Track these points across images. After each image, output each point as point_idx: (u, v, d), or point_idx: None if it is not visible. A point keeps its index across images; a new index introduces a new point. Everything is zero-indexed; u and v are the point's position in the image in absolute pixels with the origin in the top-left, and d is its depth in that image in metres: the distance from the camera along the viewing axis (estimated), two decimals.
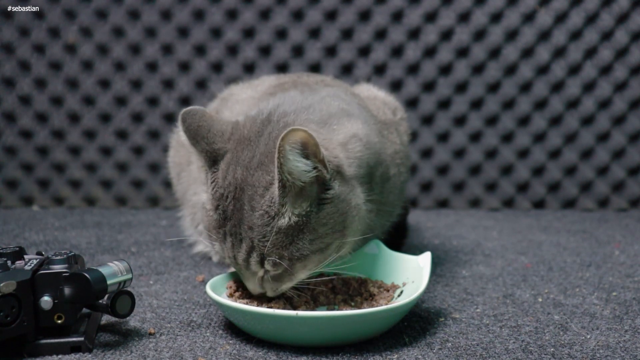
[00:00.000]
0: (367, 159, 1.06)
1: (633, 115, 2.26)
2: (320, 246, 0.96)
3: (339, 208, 0.97)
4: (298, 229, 0.94)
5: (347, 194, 0.99)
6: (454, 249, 1.63)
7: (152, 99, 2.28)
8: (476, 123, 2.28)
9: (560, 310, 1.12)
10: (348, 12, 2.26)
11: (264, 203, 0.95)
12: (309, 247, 0.95)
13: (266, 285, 1.00)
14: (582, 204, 2.30)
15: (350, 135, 1.05)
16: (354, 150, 1.04)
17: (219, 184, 1.00)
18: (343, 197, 0.98)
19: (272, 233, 0.94)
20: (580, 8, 2.24)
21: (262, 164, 0.97)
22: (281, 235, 0.94)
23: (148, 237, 1.74)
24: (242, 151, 1.00)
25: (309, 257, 0.96)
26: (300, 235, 0.95)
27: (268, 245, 0.94)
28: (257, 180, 0.96)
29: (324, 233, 0.96)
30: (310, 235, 0.95)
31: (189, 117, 1.03)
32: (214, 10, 2.26)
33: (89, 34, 2.26)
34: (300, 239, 0.95)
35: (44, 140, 2.28)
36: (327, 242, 0.97)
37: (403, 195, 1.37)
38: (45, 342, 0.90)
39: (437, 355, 0.92)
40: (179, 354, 0.92)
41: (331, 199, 0.96)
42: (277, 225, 0.94)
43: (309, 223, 0.95)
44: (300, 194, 0.94)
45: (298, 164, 0.91)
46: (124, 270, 0.94)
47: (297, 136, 0.89)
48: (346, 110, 1.11)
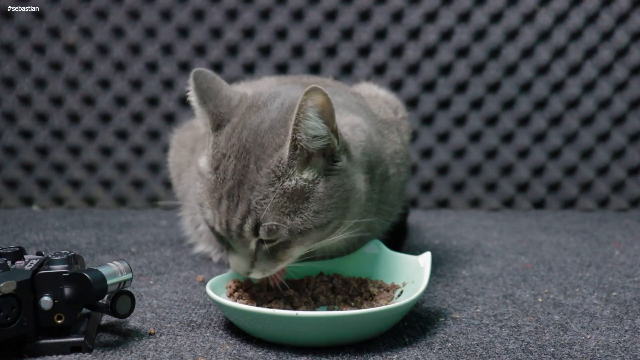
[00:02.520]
0: (369, 151, 1.06)
1: (633, 115, 2.26)
2: (323, 221, 0.94)
3: (345, 183, 0.96)
4: (304, 197, 0.92)
5: (352, 173, 0.98)
6: (454, 249, 1.63)
7: (152, 99, 2.28)
8: (476, 123, 2.29)
9: (560, 310, 1.12)
10: (348, 12, 2.26)
11: (272, 163, 0.92)
12: (313, 220, 0.92)
13: (257, 264, 0.97)
14: (582, 204, 2.30)
15: (355, 124, 1.06)
16: (359, 138, 1.04)
17: (222, 145, 0.99)
18: (349, 173, 0.97)
19: (275, 195, 0.91)
20: (580, 8, 2.24)
21: (272, 127, 0.95)
22: (284, 199, 0.91)
23: (148, 237, 1.74)
24: (249, 117, 0.99)
25: (310, 231, 0.93)
26: (306, 204, 0.92)
27: (267, 208, 0.91)
28: (267, 142, 0.94)
29: (329, 206, 0.94)
30: (316, 206, 0.92)
31: (200, 76, 1.03)
32: (214, 10, 2.26)
33: (89, 34, 2.26)
34: (305, 209, 0.92)
35: (44, 140, 2.28)
36: (329, 218, 0.94)
37: (403, 195, 1.36)
38: (45, 342, 0.90)
39: (437, 355, 0.92)
40: (179, 354, 0.92)
41: (339, 170, 0.95)
42: (282, 186, 0.91)
43: (315, 192, 0.92)
44: (307, 161, 0.93)
45: (316, 124, 0.90)
46: (124, 270, 0.94)
47: (318, 96, 0.88)
48: (348, 105, 1.13)
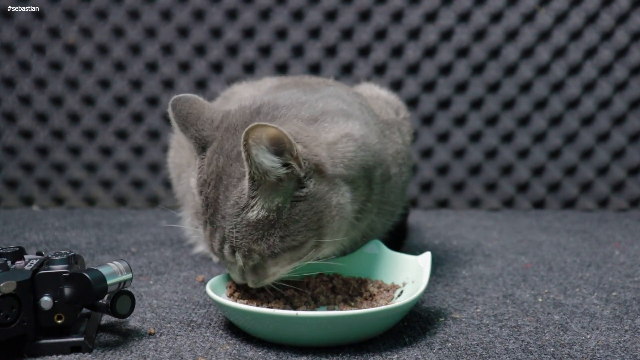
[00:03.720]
0: (360, 160, 1.05)
1: (633, 115, 2.26)
2: (293, 244, 0.95)
3: (314, 206, 0.96)
4: (269, 224, 0.94)
5: (326, 193, 0.97)
6: (454, 249, 1.63)
7: (152, 99, 2.28)
8: (476, 123, 2.29)
9: (560, 310, 1.12)
10: (348, 12, 2.26)
11: (236, 193, 0.95)
12: (280, 244, 0.95)
13: (247, 277, 1.01)
14: (582, 204, 2.30)
15: (343, 134, 1.04)
16: (345, 150, 1.03)
17: (204, 170, 1.01)
18: (320, 196, 0.96)
19: (242, 225, 0.94)
20: (580, 8, 2.24)
21: (239, 154, 0.95)
22: (250, 228, 0.94)
23: (148, 237, 1.74)
24: (227, 140, 1.00)
25: (280, 254, 0.96)
26: (271, 230, 0.94)
27: (237, 236, 0.94)
28: (233, 171, 0.96)
29: (296, 230, 0.95)
30: (281, 232, 0.94)
31: (179, 104, 1.05)
32: (214, 10, 2.26)
33: (89, 34, 2.26)
34: (271, 235, 0.94)
35: (44, 140, 2.28)
36: (300, 240, 0.96)
37: (404, 195, 1.36)
38: (45, 342, 0.90)
39: (437, 355, 0.92)
40: (179, 354, 0.92)
41: (304, 197, 0.95)
42: (246, 217, 0.94)
43: (280, 219, 0.94)
44: (274, 188, 0.93)
45: (263, 159, 0.90)
46: (124, 270, 0.94)
47: (261, 132, 0.88)
48: (345, 110, 1.11)
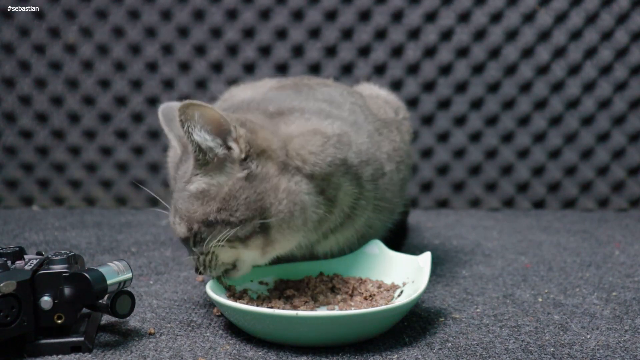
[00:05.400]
0: (330, 156, 1.08)
1: (633, 115, 2.26)
2: (230, 219, 1.00)
3: (255, 186, 1.01)
4: (209, 197, 1.01)
5: (273, 177, 1.03)
6: (454, 249, 1.63)
7: (152, 99, 2.28)
8: (476, 123, 2.28)
9: (560, 310, 1.12)
10: (348, 12, 2.26)
11: (184, 169, 1.07)
12: (215, 214, 1.00)
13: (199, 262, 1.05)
14: (582, 204, 2.30)
15: (310, 130, 1.10)
16: (306, 143, 1.07)
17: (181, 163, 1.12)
18: (263, 177, 1.02)
19: (185, 196, 1.03)
20: (580, 8, 2.24)
21: None
22: (192, 199, 1.03)
23: (148, 237, 1.74)
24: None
25: (214, 225, 1.00)
26: (211, 202, 1.01)
27: (181, 207, 1.04)
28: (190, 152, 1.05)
29: (235, 206, 1.00)
30: (219, 205, 1.01)
31: (166, 109, 1.20)
32: (214, 10, 2.26)
33: (89, 34, 2.26)
34: (209, 205, 1.01)
35: (44, 140, 2.28)
36: (238, 217, 1.00)
37: (404, 192, 1.37)
38: (45, 342, 0.90)
39: (437, 355, 0.92)
40: (179, 354, 0.92)
41: (245, 177, 1.01)
42: (187, 189, 1.03)
43: (220, 193, 1.01)
44: (218, 167, 1.02)
45: (197, 137, 0.99)
46: (124, 270, 0.95)
47: (193, 110, 0.97)
48: (325, 110, 1.16)
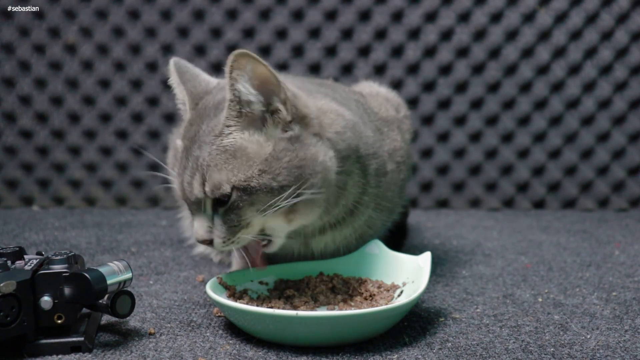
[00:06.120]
0: (349, 139, 1.05)
1: (633, 115, 2.26)
2: (272, 184, 0.93)
3: (297, 149, 0.95)
4: (248, 156, 0.93)
5: (312, 145, 0.97)
6: (454, 249, 1.63)
7: (152, 99, 2.28)
8: (476, 123, 2.28)
9: (560, 310, 1.12)
10: (348, 12, 2.26)
11: (213, 122, 0.97)
12: (257, 179, 0.92)
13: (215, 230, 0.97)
14: (582, 204, 2.30)
15: (333, 109, 1.06)
16: (332, 121, 1.04)
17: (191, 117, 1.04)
18: (305, 144, 0.96)
19: (216, 152, 0.93)
20: (580, 8, 2.24)
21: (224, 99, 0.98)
22: (226, 155, 0.93)
23: (148, 237, 1.74)
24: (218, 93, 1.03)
25: (256, 193, 0.93)
26: (250, 162, 0.93)
27: (211, 164, 0.93)
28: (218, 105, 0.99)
29: (278, 168, 0.93)
30: (262, 166, 0.93)
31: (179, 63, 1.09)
32: (214, 10, 2.26)
33: (89, 34, 2.26)
34: (249, 167, 0.93)
35: (44, 140, 2.28)
36: (279, 182, 0.93)
37: (404, 193, 1.37)
38: (45, 342, 0.90)
39: (437, 355, 0.92)
40: (179, 354, 0.92)
41: (289, 138, 0.95)
42: (222, 143, 0.93)
43: (261, 153, 0.93)
44: (255, 124, 0.95)
45: (242, 88, 0.92)
46: (124, 270, 0.95)
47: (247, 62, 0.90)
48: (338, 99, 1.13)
